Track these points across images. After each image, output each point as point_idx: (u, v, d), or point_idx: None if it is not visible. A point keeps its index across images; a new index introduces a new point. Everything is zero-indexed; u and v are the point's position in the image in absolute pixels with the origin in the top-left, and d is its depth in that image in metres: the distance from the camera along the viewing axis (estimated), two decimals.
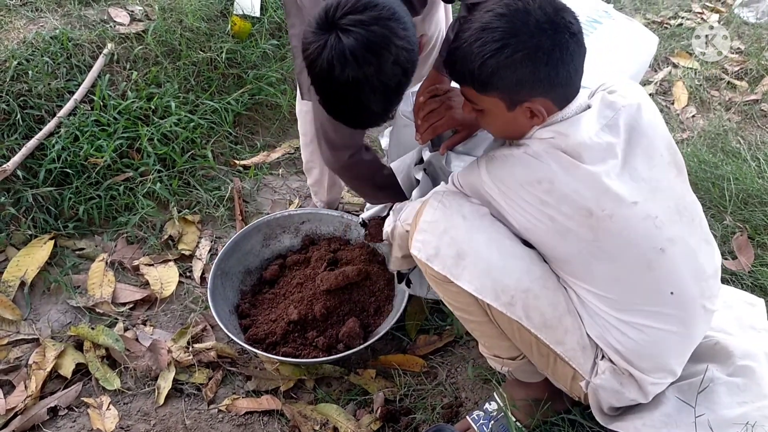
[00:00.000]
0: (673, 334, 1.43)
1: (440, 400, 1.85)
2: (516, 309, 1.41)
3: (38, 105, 2.40)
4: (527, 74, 1.32)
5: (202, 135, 2.60)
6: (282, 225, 2.26)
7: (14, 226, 2.24)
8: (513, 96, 1.36)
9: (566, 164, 1.33)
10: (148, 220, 2.37)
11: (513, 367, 1.60)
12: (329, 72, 1.34)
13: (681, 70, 3.23)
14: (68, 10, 2.71)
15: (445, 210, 1.45)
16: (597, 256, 1.37)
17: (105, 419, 1.80)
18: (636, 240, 1.36)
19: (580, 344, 1.45)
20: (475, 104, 1.43)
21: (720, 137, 2.73)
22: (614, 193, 1.33)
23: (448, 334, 2.03)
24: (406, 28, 1.38)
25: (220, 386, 1.93)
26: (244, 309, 2.09)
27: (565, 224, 1.34)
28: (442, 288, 1.49)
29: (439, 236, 1.44)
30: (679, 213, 1.42)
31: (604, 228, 1.33)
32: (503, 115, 1.40)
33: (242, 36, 2.83)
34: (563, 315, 1.43)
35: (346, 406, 1.87)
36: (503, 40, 1.30)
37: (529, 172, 1.35)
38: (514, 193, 1.37)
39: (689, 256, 1.42)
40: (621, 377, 1.46)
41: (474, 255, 1.41)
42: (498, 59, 1.31)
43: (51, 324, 2.05)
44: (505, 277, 1.41)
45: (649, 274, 1.38)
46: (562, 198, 1.33)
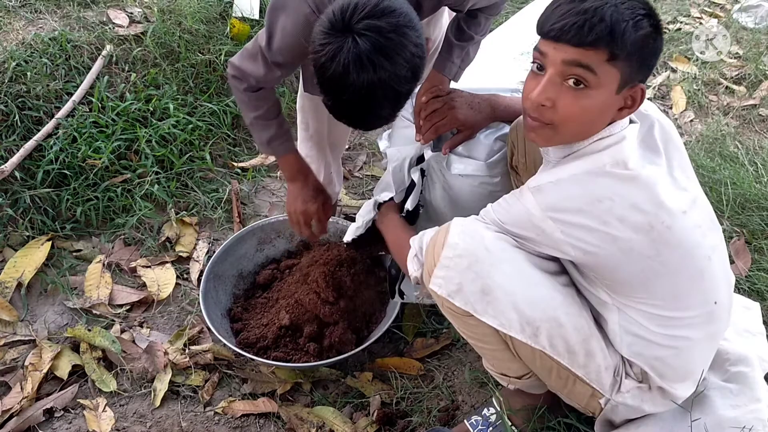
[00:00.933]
0: (706, 343, 1.41)
1: (437, 403, 1.85)
2: (540, 339, 1.37)
3: (36, 106, 2.40)
4: (657, 51, 1.27)
5: (201, 137, 2.60)
6: (277, 229, 2.25)
7: (12, 227, 2.24)
8: (634, 72, 1.26)
9: (623, 177, 1.27)
10: (145, 221, 2.37)
11: (520, 385, 1.58)
12: (344, 75, 1.34)
13: (679, 75, 3.24)
14: (67, 12, 2.72)
15: (467, 243, 1.37)
16: (658, 272, 1.32)
17: (101, 421, 1.80)
18: (691, 249, 1.32)
19: (603, 366, 1.41)
20: (591, 72, 1.24)
21: (718, 142, 2.73)
22: (668, 203, 1.28)
23: (445, 338, 2.03)
24: (420, 36, 1.38)
25: (217, 388, 1.92)
26: (237, 313, 2.08)
27: (627, 243, 1.28)
28: (461, 321, 1.44)
29: (462, 272, 1.36)
30: (713, 221, 1.41)
31: (664, 241, 1.28)
32: (605, 96, 1.27)
33: (241, 38, 2.83)
34: (587, 338, 1.39)
35: (343, 409, 1.87)
36: (648, 9, 1.25)
37: (587, 192, 1.28)
38: (570, 218, 1.29)
39: (725, 264, 1.41)
40: (645, 393, 1.44)
41: (499, 290, 1.34)
42: (647, 24, 1.23)
43: (48, 325, 2.04)
44: (530, 309, 1.35)
45: (701, 284, 1.35)
46: (623, 215, 1.26)
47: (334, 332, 1.94)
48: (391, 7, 1.35)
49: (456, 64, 1.83)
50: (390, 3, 1.35)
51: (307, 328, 1.95)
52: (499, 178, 1.83)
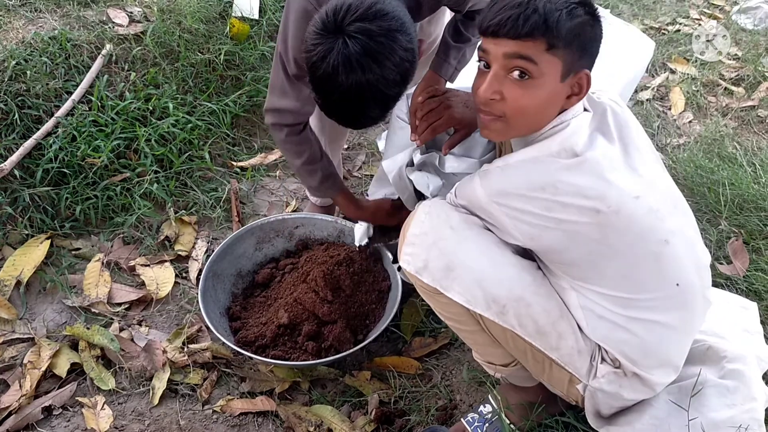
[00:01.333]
0: (677, 327, 1.42)
1: (435, 402, 1.85)
2: (508, 318, 1.40)
3: (36, 105, 2.41)
4: (596, 37, 1.31)
5: (200, 136, 2.60)
6: (276, 229, 2.26)
7: (11, 226, 2.25)
8: (575, 60, 1.28)
9: (568, 164, 1.29)
10: (144, 220, 2.37)
11: (507, 373, 1.60)
12: (333, 76, 1.36)
13: (678, 76, 3.25)
14: (67, 11, 2.72)
15: (433, 221, 1.43)
16: (606, 254, 1.34)
17: (99, 419, 1.80)
18: (642, 233, 1.34)
19: (576, 348, 1.43)
20: (532, 63, 1.27)
21: (716, 143, 2.74)
22: (617, 187, 1.30)
23: (443, 337, 2.04)
24: (411, 40, 1.40)
25: (215, 387, 1.93)
26: (235, 311, 2.08)
27: (573, 226, 1.30)
28: (433, 299, 1.49)
29: (428, 248, 1.42)
30: (675, 206, 1.42)
31: (611, 224, 1.30)
32: (550, 85, 1.29)
33: (240, 38, 2.84)
34: (557, 320, 1.42)
35: (341, 408, 1.87)
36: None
37: (530, 179, 1.31)
38: (515, 204, 1.32)
39: (689, 247, 1.42)
40: (621, 379, 1.45)
41: (463, 266, 1.39)
42: (581, 12, 1.27)
43: (46, 323, 2.05)
44: (495, 286, 1.39)
45: (656, 266, 1.36)
46: (567, 199, 1.29)
47: (332, 331, 1.94)
48: (384, 10, 1.36)
49: (452, 65, 1.84)
50: (382, 6, 1.36)
51: (306, 327, 1.95)
52: None
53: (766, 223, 2.25)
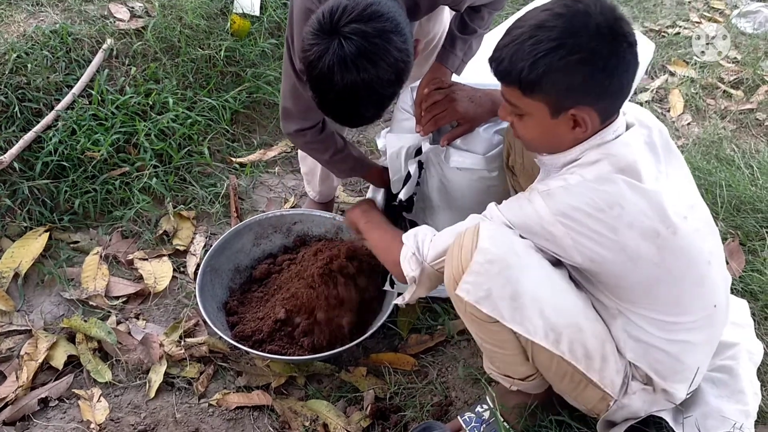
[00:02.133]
0: (705, 344, 1.43)
1: (430, 398, 1.86)
2: (562, 345, 1.37)
3: (36, 98, 2.41)
4: (579, 79, 1.26)
5: (200, 132, 2.61)
6: (274, 225, 2.26)
7: (10, 218, 2.25)
8: (560, 101, 1.29)
9: (630, 184, 1.27)
10: (143, 214, 2.37)
11: (523, 386, 1.58)
12: (329, 76, 1.38)
13: (677, 78, 3.25)
14: (68, 5, 2.72)
15: (499, 249, 1.34)
16: (663, 279, 1.33)
17: (95, 411, 1.81)
18: (693, 255, 1.34)
19: (616, 369, 1.43)
20: (515, 107, 1.35)
21: (715, 145, 2.75)
22: (672, 208, 1.29)
23: (439, 334, 2.04)
24: (406, 41, 1.41)
25: (212, 381, 1.93)
26: (232, 306, 2.09)
27: (636, 250, 1.29)
28: (482, 327, 1.43)
29: (493, 278, 1.33)
30: (710, 226, 1.43)
31: (669, 247, 1.30)
32: (544, 122, 1.32)
33: (241, 34, 2.84)
34: (604, 342, 1.40)
35: (337, 403, 1.88)
36: (559, 39, 1.23)
37: (597, 200, 1.28)
38: (581, 225, 1.29)
39: (722, 268, 1.43)
40: (651, 395, 1.45)
41: (527, 296, 1.34)
42: (551, 59, 1.24)
43: (44, 316, 2.05)
44: (556, 315, 1.35)
45: (701, 289, 1.37)
46: (632, 221, 1.27)
47: (328, 327, 1.95)
48: (378, 12, 1.38)
49: (459, 57, 1.85)
50: (377, 7, 1.38)
51: (303, 323, 1.95)
52: (497, 172, 1.84)
53: (763, 224, 2.26)
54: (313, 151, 1.96)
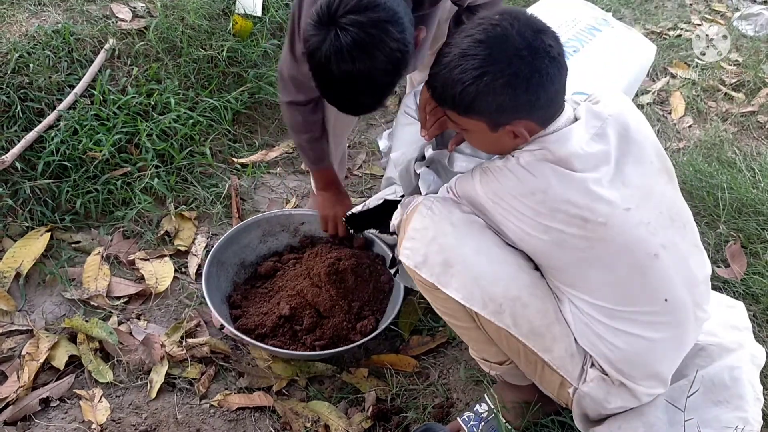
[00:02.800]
0: (665, 342, 1.43)
1: (431, 400, 1.86)
2: (504, 317, 1.41)
3: (38, 98, 2.41)
4: (507, 100, 1.32)
5: (201, 132, 2.61)
6: (282, 223, 2.26)
7: (11, 218, 2.25)
8: (495, 119, 1.37)
9: (558, 174, 1.33)
10: (144, 215, 2.37)
11: (501, 371, 1.61)
12: (326, 65, 1.41)
13: (679, 81, 3.26)
14: (71, 5, 2.72)
15: (434, 217, 1.45)
16: (592, 263, 1.37)
17: (97, 411, 1.80)
18: (630, 246, 1.36)
19: (568, 352, 1.45)
20: (457, 125, 1.45)
21: (716, 147, 2.75)
22: (607, 199, 1.33)
23: (440, 336, 2.04)
24: (403, 30, 1.43)
25: (213, 382, 1.93)
26: (236, 300, 2.09)
27: (559, 233, 1.34)
28: (431, 294, 1.50)
29: (428, 244, 1.44)
30: (671, 219, 1.43)
31: (598, 235, 1.34)
32: (487, 136, 1.41)
33: (243, 35, 2.84)
34: (552, 323, 1.43)
35: (338, 404, 1.88)
36: (482, 67, 1.30)
37: (522, 184, 1.35)
38: (507, 204, 1.38)
39: (681, 262, 1.43)
40: (610, 386, 1.46)
41: (462, 263, 1.41)
42: (477, 86, 1.31)
43: (45, 316, 2.05)
44: (493, 285, 1.40)
45: (643, 280, 1.38)
46: (555, 207, 1.33)
47: (332, 326, 1.95)
48: (375, 2, 1.40)
49: None
50: None
51: (306, 320, 1.96)
52: None
53: (764, 227, 2.26)
54: (296, 125, 2.00)
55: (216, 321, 1.98)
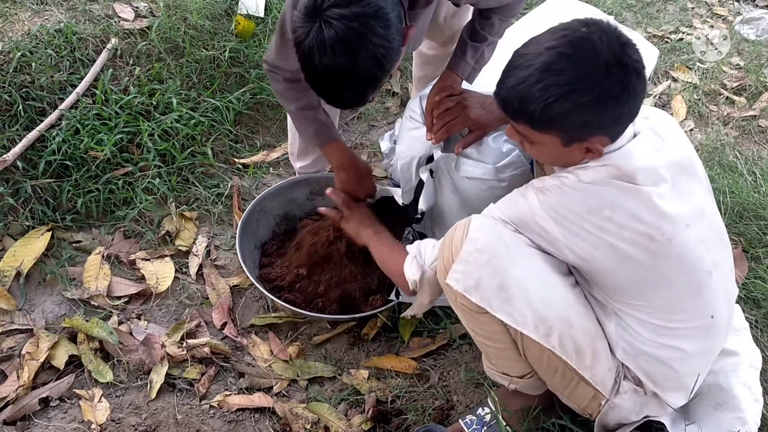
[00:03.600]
0: (701, 356, 1.44)
1: (432, 402, 1.86)
2: (552, 339, 1.38)
3: (40, 97, 2.41)
4: (593, 118, 1.27)
5: (203, 132, 2.61)
6: (331, 185, 2.26)
7: (12, 217, 2.24)
8: (573, 136, 1.31)
9: (625, 189, 1.29)
10: (145, 215, 2.37)
11: (521, 385, 1.59)
12: (310, 58, 1.42)
13: (680, 84, 3.25)
14: (73, 4, 2.72)
15: (487, 239, 1.38)
16: (654, 282, 1.34)
17: (96, 411, 1.80)
18: (691, 263, 1.35)
19: (607, 366, 1.43)
20: (526, 138, 1.38)
21: (717, 151, 2.75)
22: (671, 216, 1.30)
23: (441, 337, 2.04)
24: (387, 26, 1.42)
25: (213, 382, 1.93)
26: (269, 248, 2.23)
27: (626, 251, 1.31)
28: (473, 318, 1.45)
29: (482, 267, 1.36)
30: (719, 238, 1.43)
31: (664, 253, 1.31)
32: (557, 150, 1.35)
33: (246, 35, 2.84)
34: (595, 340, 1.41)
35: (338, 406, 1.88)
36: (570, 84, 1.23)
37: (589, 200, 1.31)
38: (571, 223, 1.32)
39: (726, 280, 1.43)
40: (642, 397, 1.46)
41: (516, 286, 1.36)
42: (563, 104, 1.24)
43: (45, 315, 2.05)
44: (545, 307, 1.37)
45: (698, 298, 1.37)
46: (622, 224, 1.29)
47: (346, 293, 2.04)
48: None
49: (470, 65, 1.85)
50: None
51: (323, 283, 2.05)
52: (507, 182, 1.83)
53: (766, 231, 2.26)
54: (283, 96, 1.96)
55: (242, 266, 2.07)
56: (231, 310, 2.13)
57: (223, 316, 2.09)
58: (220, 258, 2.31)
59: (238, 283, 2.21)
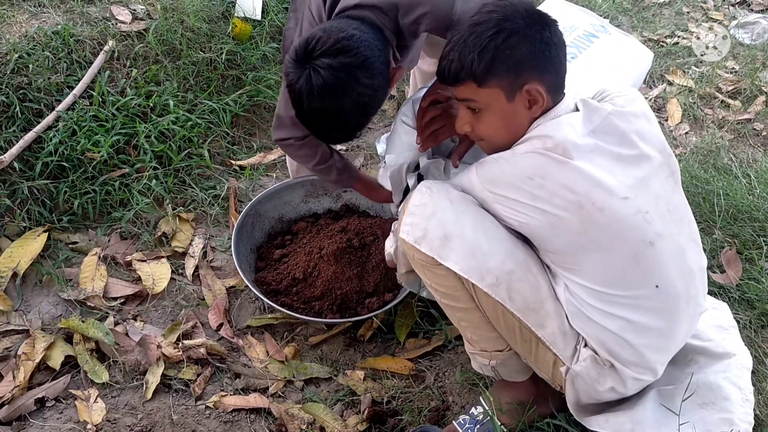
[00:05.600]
0: (655, 329, 1.46)
1: (427, 403, 1.86)
2: (500, 290, 1.45)
3: (37, 98, 2.41)
4: (525, 53, 1.39)
5: (200, 134, 2.61)
6: (325, 187, 2.36)
7: (9, 218, 2.25)
8: (513, 80, 1.41)
9: (557, 160, 1.36)
10: (142, 216, 2.37)
11: (500, 360, 1.61)
12: (300, 100, 1.54)
13: (676, 88, 3.27)
14: (71, 6, 2.73)
15: (433, 195, 1.49)
16: (586, 247, 1.40)
17: (92, 412, 1.80)
18: (626, 233, 1.39)
19: (561, 330, 1.48)
20: (474, 101, 1.46)
21: (712, 154, 2.76)
22: (606, 186, 1.36)
23: (437, 339, 2.04)
24: (372, 76, 1.53)
25: (209, 383, 1.93)
26: (265, 252, 2.24)
27: (556, 216, 1.37)
28: (430, 272, 1.52)
29: (427, 219, 1.47)
30: (669, 211, 1.46)
31: (594, 220, 1.37)
32: (503, 109, 1.44)
33: (243, 38, 2.85)
34: (545, 299, 1.47)
35: (334, 407, 1.88)
36: (498, 26, 1.39)
37: (520, 170, 1.39)
38: (505, 192, 1.41)
39: (677, 253, 1.46)
40: (601, 367, 1.49)
41: (460, 237, 1.45)
42: (496, 42, 1.38)
43: (42, 316, 2.05)
44: (490, 258, 1.44)
45: (636, 266, 1.41)
46: (553, 192, 1.36)
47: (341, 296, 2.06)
48: (348, 47, 1.50)
49: None
50: (348, 42, 1.51)
51: (318, 287, 2.07)
52: None
53: (760, 233, 2.27)
54: (299, 158, 2.05)
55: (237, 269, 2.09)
56: (227, 311, 2.14)
57: (219, 317, 2.10)
58: (216, 259, 2.32)
59: (234, 284, 2.21)
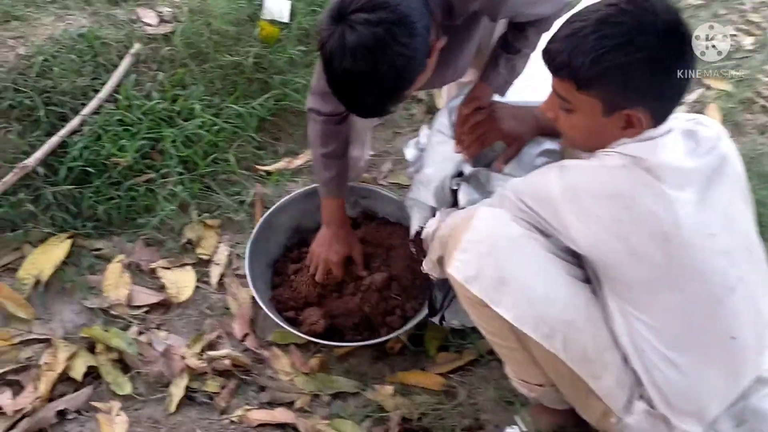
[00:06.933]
0: (720, 382, 1.35)
1: (460, 421, 1.79)
2: (555, 342, 1.34)
3: (62, 102, 2.38)
4: (642, 79, 1.23)
5: (226, 139, 2.57)
6: None
7: (32, 224, 2.22)
8: (618, 101, 1.26)
9: (649, 183, 1.24)
10: (167, 222, 2.33)
11: (540, 394, 1.54)
12: (331, 61, 1.40)
13: (714, 92, 3.17)
14: (96, 9, 2.71)
15: (490, 229, 1.37)
16: (666, 284, 1.29)
17: (114, 425, 1.76)
18: (709, 274, 1.28)
19: (618, 381, 1.37)
20: (566, 101, 1.32)
21: (754, 161, 2.66)
22: (693, 221, 1.25)
23: (469, 353, 1.98)
24: (412, 35, 1.38)
25: (234, 396, 1.88)
26: (280, 266, 2.17)
27: (638, 246, 1.26)
28: (477, 311, 1.42)
29: (482, 257, 1.35)
30: (750, 252, 1.35)
31: (679, 256, 1.26)
32: (595, 120, 1.30)
33: (270, 41, 2.81)
34: (605, 349, 1.36)
35: (362, 423, 1.82)
36: (628, 35, 1.21)
37: (608, 186, 1.27)
38: (585, 204, 1.28)
39: (753, 300, 1.35)
40: (655, 420, 1.38)
41: (516, 281, 1.33)
42: (615, 57, 1.21)
43: (64, 324, 2.01)
44: (548, 307, 1.33)
45: (714, 313, 1.30)
46: (639, 217, 1.25)
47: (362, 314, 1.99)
48: (386, 2, 1.36)
49: (502, 76, 1.79)
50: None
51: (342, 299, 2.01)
52: None
53: None
54: (316, 136, 1.94)
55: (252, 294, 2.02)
56: (252, 320, 2.08)
57: (244, 327, 2.05)
58: (241, 267, 2.26)
59: None
